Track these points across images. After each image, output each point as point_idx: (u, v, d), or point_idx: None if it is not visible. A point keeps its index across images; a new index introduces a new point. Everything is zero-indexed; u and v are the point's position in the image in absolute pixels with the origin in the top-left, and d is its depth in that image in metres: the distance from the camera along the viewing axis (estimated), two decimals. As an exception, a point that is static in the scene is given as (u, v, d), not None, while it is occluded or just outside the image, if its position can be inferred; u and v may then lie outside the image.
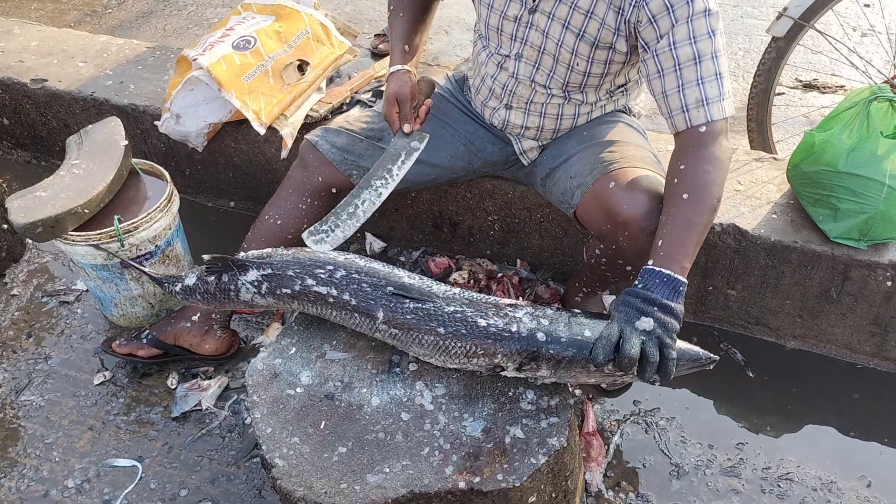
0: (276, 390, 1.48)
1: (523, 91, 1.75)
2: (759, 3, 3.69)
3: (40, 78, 2.66)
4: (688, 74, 1.45)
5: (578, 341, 1.36)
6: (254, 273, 1.50)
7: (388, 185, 1.73)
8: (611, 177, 1.60)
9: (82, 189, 1.94)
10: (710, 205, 1.41)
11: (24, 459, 1.84)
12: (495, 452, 1.36)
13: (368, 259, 1.52)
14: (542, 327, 1.38)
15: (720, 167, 1.43)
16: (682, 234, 1.38)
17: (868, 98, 1.84)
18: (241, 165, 2.51)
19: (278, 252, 1.55)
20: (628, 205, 1.53)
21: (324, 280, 1.47)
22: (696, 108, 1.46)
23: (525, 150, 1.89)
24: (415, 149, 1.76)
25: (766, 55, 2.30)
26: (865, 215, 1.81)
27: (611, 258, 1.65)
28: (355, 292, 1.45)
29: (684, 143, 1.48)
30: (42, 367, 2.07)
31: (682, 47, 1.45)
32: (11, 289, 2.32)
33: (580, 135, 1.80)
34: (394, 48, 1.83)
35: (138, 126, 2.55)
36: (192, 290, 1.59)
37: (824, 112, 2.55)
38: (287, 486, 1.32)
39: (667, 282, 1.33)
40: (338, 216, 1.70)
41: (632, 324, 1.30)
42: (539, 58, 1.68)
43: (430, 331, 1.41)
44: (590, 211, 1.65)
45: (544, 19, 1.61)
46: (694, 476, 1.79)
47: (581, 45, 1.60)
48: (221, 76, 2.15)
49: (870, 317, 1.96)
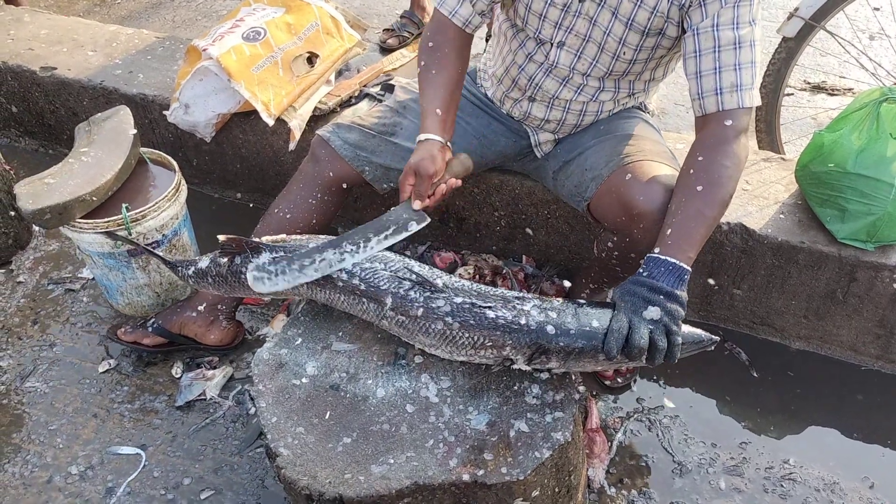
0: (281, 380, 1.48)
1: (550, 85, 1.74)
2: (768, 4, 3.68)
3: (49, 66, 2.66)
4: (726, 58, 1.46)
5: (587, 332, 1.37)
6: (266, 256, 1.50)
7: (357, 255, 1.50)
8: (627, 169, 1.61)
9: (91, 177, 1.94)
10: (722, 200, 1.42)
11: (28, 445, 1.85)
12: (500, 446, 1.36)
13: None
14: (551, 320, 1.38)
15: (738, 165, 1.44)
16: (691, 225, 1.39)
17: (878, 99, 1.83)
18: (248, 157, 2.51)
19: (292, 237, 1.55)
20: (645, 197, 1.53)
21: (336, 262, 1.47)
22: (729, 93, 1.46)
23: (541, 142, 1.89)
24: (409, 229, 1.56)
25: (776, 55, 2.30)
26: (873, 217, 1.81)
27: (624, 251, 1.65)
28: (365, 278, 1.45)
29: (707, 135, 1.49)
30: (47, 353, 2.08)
31: (725, 30, 1.46)
32: (17, 276, 2.32)
33: (596, 129, 1.80)
34: (425, 111, 1.63)
35: (147, 116, 2.55)
36: (205, 273, 1.59)
37: (832, 114, 2.55)
38: (291, 476, 1.32)
39: (671, 270, 1.35)
40: (290, 263, 1.50)
41: (639, 314, 1.32)
42: (582, 46, 1.66)
43: (438, 319, 1.40)
44: (604, 203, 1.65)
45: (594, 7, 1.59)
46: (697, 474, 1.79)
47: (630, 35, 1.59)
48: (231, 67, 2.16)
49: (875, 319, 1.96)
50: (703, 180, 1.42)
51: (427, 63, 1.69)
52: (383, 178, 1.88)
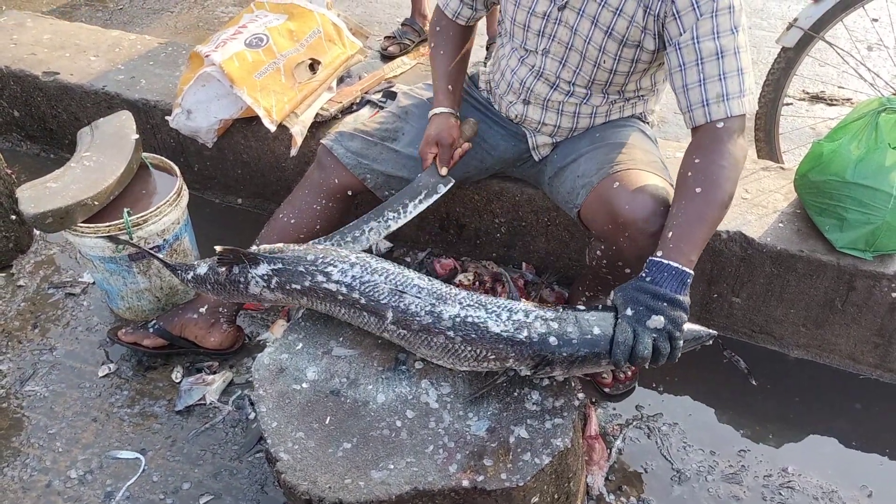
0: (282, 385, 1.49)
1: (541, 89, 1.77)
2: (767, 15, 3.71)
3: (52, 71, 2.67)
4: (710, 69, 1.47)
5: (589, 340, 1.36)
6: (264, 267, 1.51)
7: (399, 220, 1.78)
8: (616, 177, 1.61)
9: (93, 181, 1.95)
10: (722, 201, 1.42)
11: (28, 449, 1.85)
12: (499, 452, 1.37)
13: (380, 259, 1.52)
14: (553, 331, 1.38)
15: (735, 164, 1.45)
16: (693, 228, 1.40)
17: (877, 109, 1.84)
18: (249, 162, 2.52)
19: (290, 247, 1.55)
20: (631, 206, 1.54)
21: (334, 278, 1.47)
22: (716, 103, 1.47)
23: (539, 144, 1.91)
24: (438, 191, 1.81)
25: (775, 65, 2.31)
26: (872, 226, 1.82)
27: (611, 259, 1.66)
28: (365, 292, 1.45)
29: (701, 137, 1.49)
30: (47, 357, 2.08)
31: (705, 42, 1.46)
32: (18, 279, 2.33)
33: (592, 136, 1.81)
34: (437, 88, 1.85)
35: (149, 121, 2.56)
36: (203, 279, 1.60)
37: (831, 124, 2.56)
38: (291, 480, 1.33)
39: (675, 275, 1.35)
40: (343, 236, 1.74)
41: (643, 323, 1.33)
42: (566, 54, 1.69)
43: (439, 333, 1.41)
44: (593, 210, 1.66)
45: (574, 15, 1.62)
46: (695, 482, 1.80)
47: (609, 43, 1.61)
48: (233, 73, 2.17)
49: (874, 328, 1.97)
50: (702, 182, 1.42)
51: (436, 44, 1.91)
52: (385, 186, 1.90)
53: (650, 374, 2.03)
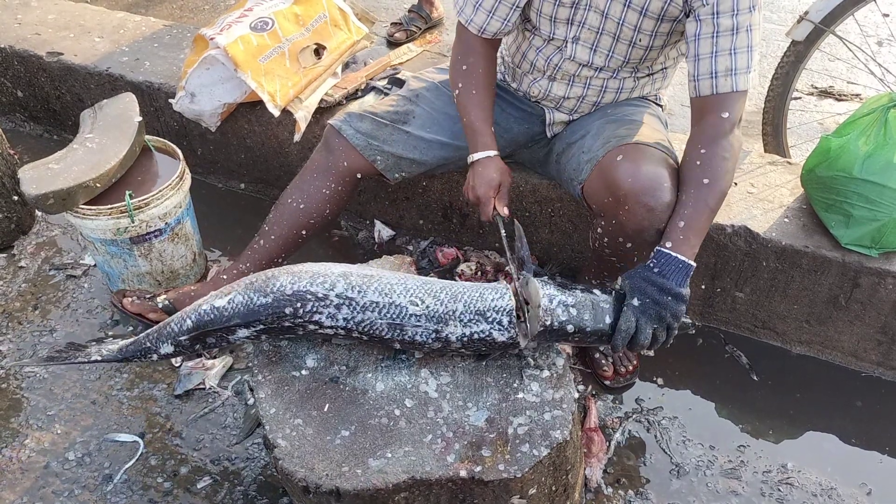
0: (281, 371, 1.48)
1: (569, 66, 1.77)
2: (776, 8, 3.67)
3: (56, 51, 2.66)
4: (723, 43, 1.51)
5: (601, 329, 1.44)
6: (243, 332, 1.46)
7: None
8: (620, 150, 1.62)
9: (95, 163, 1.94)
10: (723, 192, 1.50)
11: (26, 430, 1.85)
12: (498, 442, 1.36)
13: (361, 288, 1.42)
14: (560, 302, 1.42)
15: (734, 157, 1.51)
16: (700, 218, 1.47)
17: (886, 105, 1.83)
18: (253, 147, 2.51)
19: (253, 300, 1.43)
20: (632, 178, 1.54)
21: (327, 325, 1.42)
22: (724, 76, 1.51)
23: (555, 121, 1.91)
24: (503, 231, 1.74)
25: (784, 58, 2.29)
26: (879, 223, 1.80)
27: (612, 235, 1.65)
28: (364, 331, 1.42)
29: (706, 126, 1.53)
30: (47, 339, 2.08)
31: (724, 17, 1.50)
32: (19, 260, 2.32)
33: (604, 111, 1.82)
34: (478, 130, 1.76)
35: (152, 103, 2.55)
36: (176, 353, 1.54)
37: (839, 119, 2.54)
38: (289, 467, 1.32)
39: (681, 268, 1.41)
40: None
41: (647, 314, 1.39)
42: (597, 39, 1.69)
43: (453, 353, 1.47)
44: (595, 185, 1.66)
45: (603, 0, 1.62)
46: (694, 476, 1.79)
47: (645, 21, 1.62)
48: (238, 56, 2.15)
49: (877, 325, 1.96)
50: (709, 173, 1.48)
51: (465, 85, 1.78)
52: (395, 168, 1.88)
53: (651, 367, 2.02)
